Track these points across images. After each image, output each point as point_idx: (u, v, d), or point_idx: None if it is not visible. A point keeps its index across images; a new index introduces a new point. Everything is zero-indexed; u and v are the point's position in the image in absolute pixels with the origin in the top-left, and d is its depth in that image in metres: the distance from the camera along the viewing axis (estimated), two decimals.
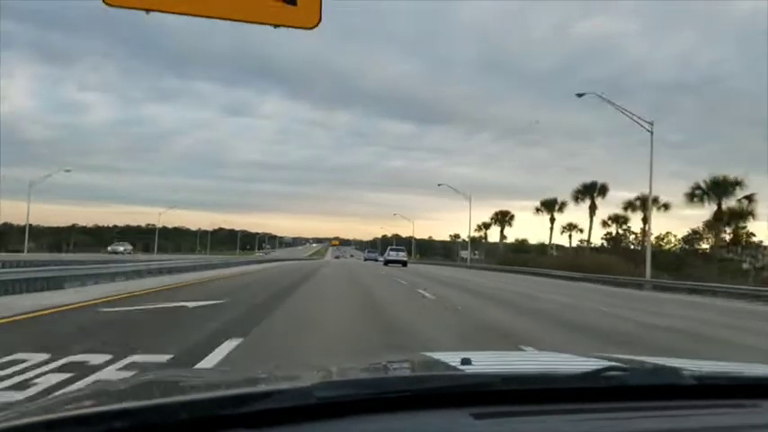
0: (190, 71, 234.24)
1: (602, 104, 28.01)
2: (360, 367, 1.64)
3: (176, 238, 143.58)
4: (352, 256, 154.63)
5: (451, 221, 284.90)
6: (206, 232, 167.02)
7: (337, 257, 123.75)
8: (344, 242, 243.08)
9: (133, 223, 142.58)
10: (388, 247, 56.62)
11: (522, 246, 79.49)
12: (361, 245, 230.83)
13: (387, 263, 47.02)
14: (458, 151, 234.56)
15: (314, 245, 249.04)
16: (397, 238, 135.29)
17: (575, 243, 62.82)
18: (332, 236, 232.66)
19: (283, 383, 1.25)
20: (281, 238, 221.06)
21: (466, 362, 1.34)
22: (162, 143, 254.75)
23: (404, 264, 45.95)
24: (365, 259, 66.41)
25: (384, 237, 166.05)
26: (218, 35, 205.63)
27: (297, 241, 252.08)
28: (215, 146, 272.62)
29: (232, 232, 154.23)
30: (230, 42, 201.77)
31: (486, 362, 1.68)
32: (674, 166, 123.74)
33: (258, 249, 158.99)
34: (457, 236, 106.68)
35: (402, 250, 52.57)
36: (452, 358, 1.44)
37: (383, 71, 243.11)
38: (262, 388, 1.16)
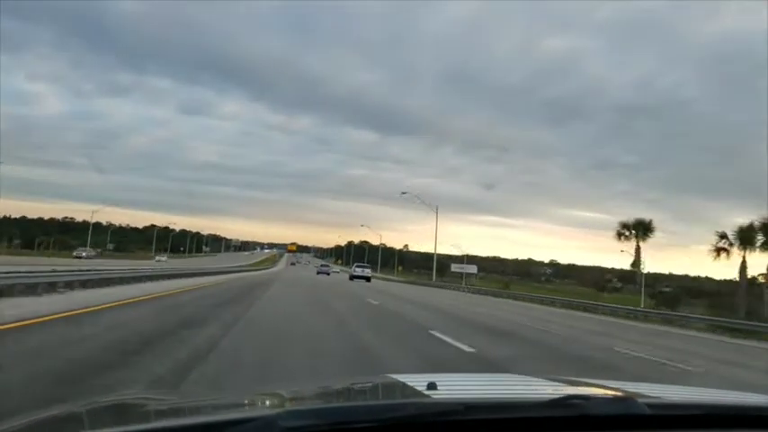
0: (146, 66, 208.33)
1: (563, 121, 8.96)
2: (325, 391, 1.63)
3: (96, 236, 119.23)
4: (309, 262, 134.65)
5: (423, 233, 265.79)
6: (135, 229, 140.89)
7: (293, 264, 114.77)
8: (303, 248, 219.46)
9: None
10: (354, 264, 59.31)
11: None
12: (320, 252, 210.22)
13: (352, 278, 48.23)
14: (420, 163, 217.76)
15: (266, 250, 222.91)
16: (366, 246, 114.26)
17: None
18: (289, 242, 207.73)
19: (247, 411, 1.26)
20: (227, 240, 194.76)
21: (431, 386, 1.35)
22: (113, 140, 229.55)
23: (367, 279, 47.30)
24: (318, 273, 63.05)
25: (350, 244, 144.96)
26: (178, 31, 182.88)
27: (247, 246, 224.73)
28: (170, 145, 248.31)
29: (167, 230, 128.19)
30: (190, 39, 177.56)
31: (453, 387, 1.67)
32: (624, 186, 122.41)
33: (195, 252, 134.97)
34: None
35: (367, 267, 53.93)
36: (419, 382, 1.45)
37: (348, 78, 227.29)
38: (225, 416, 1.16)
